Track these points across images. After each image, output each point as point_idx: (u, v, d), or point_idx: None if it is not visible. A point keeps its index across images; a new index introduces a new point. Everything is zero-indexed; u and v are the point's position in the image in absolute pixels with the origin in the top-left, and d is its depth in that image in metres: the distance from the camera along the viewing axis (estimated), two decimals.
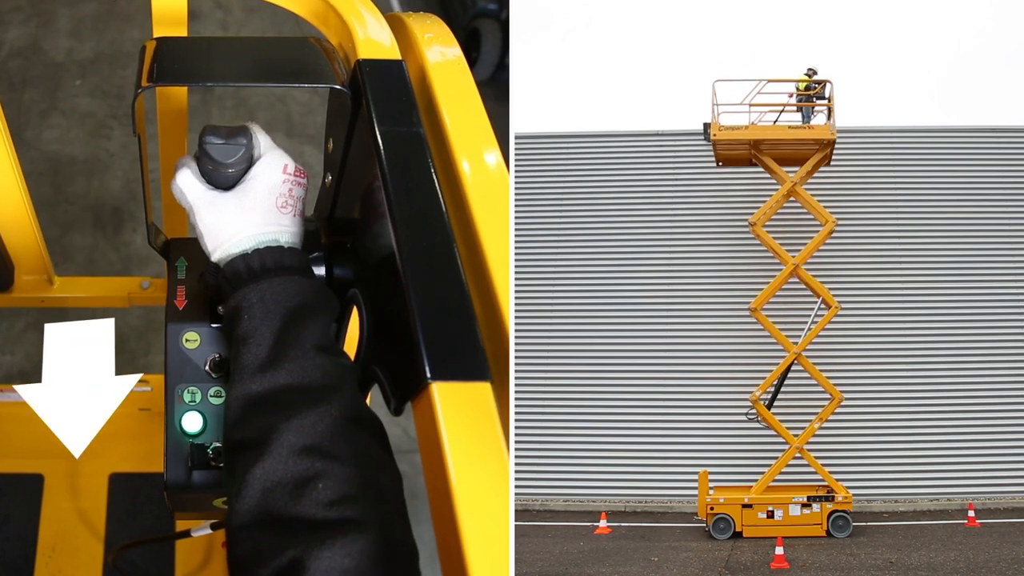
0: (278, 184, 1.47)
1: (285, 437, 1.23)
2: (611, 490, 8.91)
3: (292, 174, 1.50)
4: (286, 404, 1.26)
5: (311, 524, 1.15)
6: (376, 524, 1.16)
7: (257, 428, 1.26)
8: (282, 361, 1.31)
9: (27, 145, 6.16)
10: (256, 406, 1.28)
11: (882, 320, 9.23)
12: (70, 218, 5.87)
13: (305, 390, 1.28)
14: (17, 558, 3.36)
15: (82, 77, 6.58)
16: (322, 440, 1.23)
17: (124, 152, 6.25)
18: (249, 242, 1.43)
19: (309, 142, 6.37)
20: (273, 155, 1.50)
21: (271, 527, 1.17)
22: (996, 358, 8.98)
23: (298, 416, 1.24)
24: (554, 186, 10.32)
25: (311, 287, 1.41)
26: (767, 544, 6.64)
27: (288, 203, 1.48)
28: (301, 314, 1.36)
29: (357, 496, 1.18)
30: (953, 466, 8.58)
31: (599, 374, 9.36)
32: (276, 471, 1.20)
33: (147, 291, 2.89)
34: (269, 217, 1.46)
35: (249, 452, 1.24)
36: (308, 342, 1.33)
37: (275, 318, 1.35)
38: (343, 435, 1.24)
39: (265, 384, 1.30)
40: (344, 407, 1.28)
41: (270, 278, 1.39)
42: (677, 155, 10.33)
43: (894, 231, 9.64)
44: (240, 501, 1.20)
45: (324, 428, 1.24)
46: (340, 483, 1.18)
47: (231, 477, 1.27)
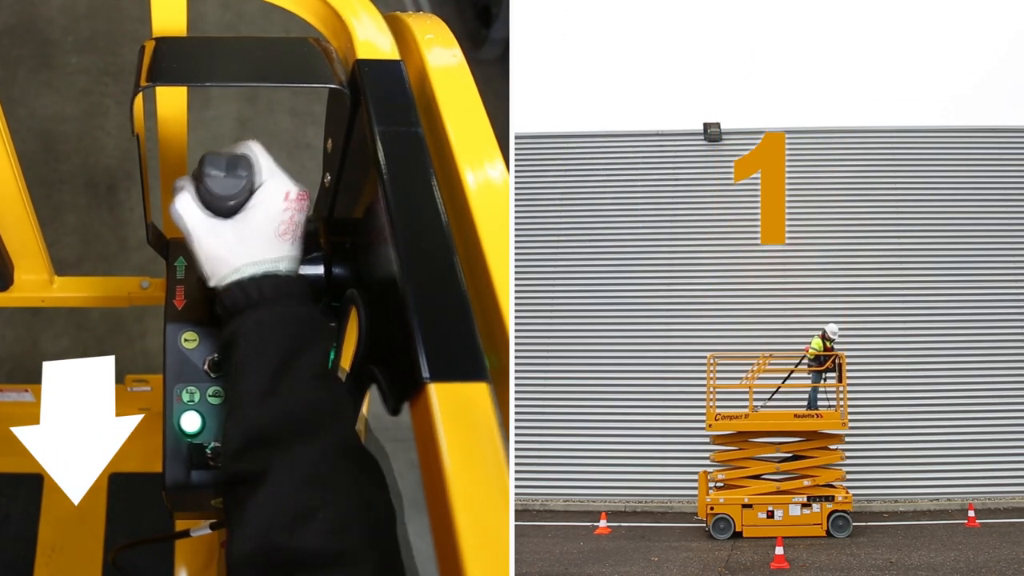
0: (279, 213, 1.45)
1: (284, 469, 1.24)
2: (611, 490, 8.91)
3: (294, 200, 1.48)
4: (284, 436, 1.28)
5: (310, 555, 1.17)
6: (371, 559, 1.19)
7: (256, 459, 1.27)
8: (279, 393, 1.32)
9: (19, 121, 6.12)
10: (254, 438, 1.29)
11: (882, 320, 9.23)
12: (63, 195, 5.82)
13: (303, 422, 1.29)
14: (17, 558, 3.36)
15: (78, 54, 6.55)
16: (320, 472, 1.25)
17: (120, 129, 6.20)
18: (247, 270, 1.43)
19: (313, 123, 6.32)
20: (274, 183, 1.47)
21: (271, 558, 1.19)
22: (996, 358, 8.98)
23: (296, 448, 1.26)
24: (554, 186, 10.32)
25: (308, 316, 1.41)
26: (767, 544, 6.64)
27: (288, 230, 1.47)
28: (298, 344, 1.36)
29: (352, 531, 1.20)
30: (953, 466, 8.58)
31: (599, 374, 9.36)
32: (276, 503, 1.22)
33: (147, 291, 2.90)
34: (268, 246, 1.44)
35: (248, 484, 1.26)
36: (305, 373, 1.34)
37: (272, 349, 1.35)
38: (340, 467, 1.26)
39: (263, 416, 1.31)
40: (341, 439, 1.29)
41: (267, 307, 1.39)
42: (677, 155, 10.34)
43: (894, 231, 9.64)
44: (241, 531, 1.22)
45: (322, 460, 1.26)
46: (336, 519, 1.20)
47: (231, 508, 1.29)
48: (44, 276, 2.75)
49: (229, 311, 1.42)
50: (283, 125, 6.30)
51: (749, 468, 7.31)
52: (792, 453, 7.32)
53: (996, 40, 11.76)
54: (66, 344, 5.12)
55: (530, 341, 9.51)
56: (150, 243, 1.80)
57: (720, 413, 7.27)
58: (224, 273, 1.43)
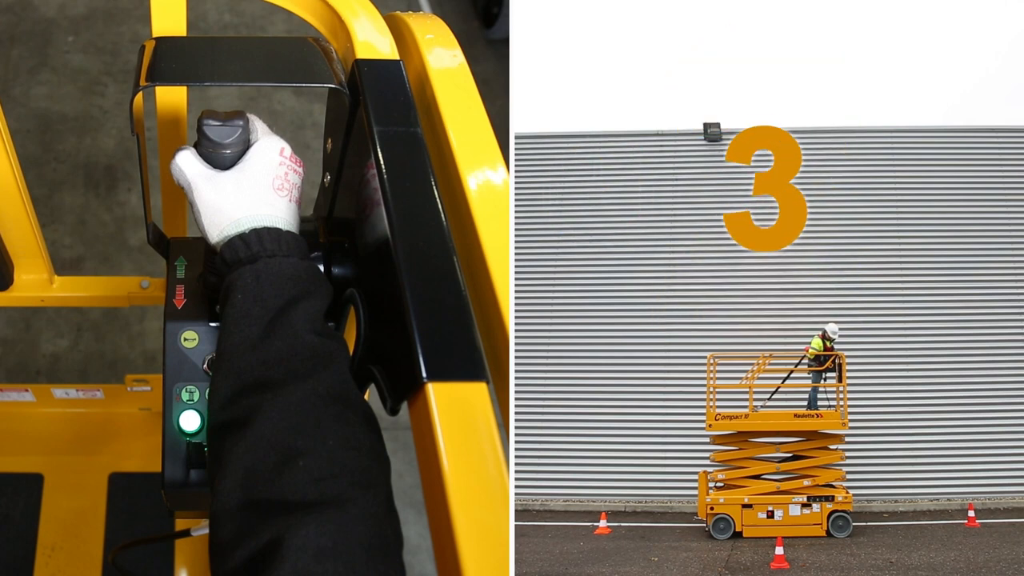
0: (274, 165, 1.50)
1: (269, 416, 1.21)
2: (611, 490, 8.91)
3: (288, 158, 1.52)
4: (273, 383, 1.25)
5: (292, 504, 1.13)
6: (358, 504, 1.14)
7: (242, 408, 1.24)
8: (272, 341, 1.30)
9: (15, 102, 6.11)
10: (248, 383, 1.27)
11: (882, 320, 9.23)
12: (60, 176, 5.78)
13: (292, 369, 1.27)
14: (17, 558, 3.37)
15: (75, 33, 6.53)
16: (307, 419, 1.21)
17: (118, 109, 6.18)
18: (247, 223, 1.45)
19: (319, 100, 6.30)
20: (270, 139, 1.53)
21: (252, 508, 1.15)
22: (996, 358, 8.98)
23: (283, 395, 1.23)
24: (554, 186, 10.32)
25: (307, 270, 1.42)
26: (767, 544, 6.64)
27: (284, 186, 1.50)
28: (295, 296, 1.36)
29: (339, 475, 1.16)
30: (953, 466, 8.57)
31: (599, 374, 9.36)
32: (258, 451, 1.19)
33: (146, 290, 2.90)
34: (266, 198, 1.47)
35: (233, 433, 1.23)
36: (300, 323, 1.32)
37: (269, 299, 1.35)
38: (329, 414, 1.22)
39: (253, 363, 1.28)
40: (331, 385, 1.26)
41: (266, 259, 1.40)
42: (677, 155, 10.34)
43: (894, 231, 9.65)
44: (222, 483, 1.19)
45: (309, 407, 1.22)
46: (323, 462, 1.16)
47: (214, 460, 1.26)
48: (44, 276, 2.75)
49: (228, 264, 1.42)
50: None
51: (749, 468, 7.31)
52: (792, 453, 7.32)
53: (996, 40, 11.75)
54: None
55: (530, 341, 9.51)
56: (150, 243, 1.80)
57: (720, 413, 7.27)
58: (224, 225, 1.45)
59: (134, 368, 5.00)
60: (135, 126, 1.62)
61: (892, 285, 9.38)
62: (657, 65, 12.16)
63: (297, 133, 6.07)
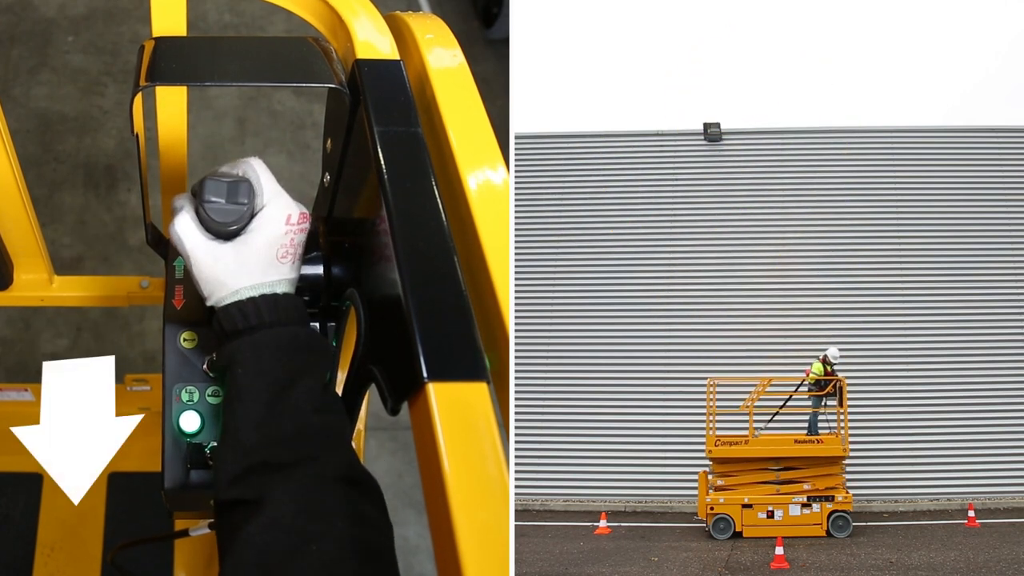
0: (279, 236, 1.44)
1: (280, 497, 1.24)
2: (611, 490, 8.92)
3: (295, 223, 1.46)
4: (281, 465, 1.27)
5: None
6: None
7: (252, 486, 1.27)
8: (277, 420, 1.31)
9: (15, 102, 6.11)
10: (251, 464, 1.29)
11: (882, 319, 9.23)
12: (60, 176, 5.78)
13: (299, 452, 1.29)
14: (16, 557, 3.36)
15: (75, 33, 6.54)
16: (317, 501, 1.24)
17: (118, 109, 6.18)
18: (246, 293, 1.42)
19: (319, 100, 6.29)
20: (276, 205, 1.45)
21: None
22: (996, 358, 8.98)
23: (295, 477, 1.26)
24: (554, 186, 10.32)
25: (307, 338, 1.41)
26: (767, 544, 6.64)
27: (288, 253, 1.45)
28: (296, 368, 1.36)
29: (349, 559, 1.20)
30: (953, 466, 8.58)
31: (599, 374, 9.37)
32: (271, 531, 1.21)
33: (146, 291, 2.90)
34: (267, 269, 1.44)
35: (244, 509, 1.25)
36: (304, 402, 1.33)
37: (270, 374, 1.35)
38: (338, 495, 1.26)
39: (260, 442, 1.30)
40: (337, 467, 1.29)
41: (265, 330, 1.39)
42: (677, 155, 10.34)
43: (894, 231, 9.64)
44: (235, 558, 1.22)
45: (319, 488, 1.25)
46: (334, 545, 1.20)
47: (225, 533, 1.29)
48: (44, 276, 2.75)
49: (227, 333, 1.41)
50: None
51: (749, 476, 7.29)
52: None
53: (996, 40, 11.76)
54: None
55: (530, 341, 9.51)
56: (149, 243, 1.80)
57: (720, 437, 7.24)
58: (222, 295, 1.42)
59: (134, 368, 4.99)
60: (135, 126, 1.62)
61: (892, 285, 9.38)
62: (657, 65, 12.17)
63: (297, 133, 6.07)
